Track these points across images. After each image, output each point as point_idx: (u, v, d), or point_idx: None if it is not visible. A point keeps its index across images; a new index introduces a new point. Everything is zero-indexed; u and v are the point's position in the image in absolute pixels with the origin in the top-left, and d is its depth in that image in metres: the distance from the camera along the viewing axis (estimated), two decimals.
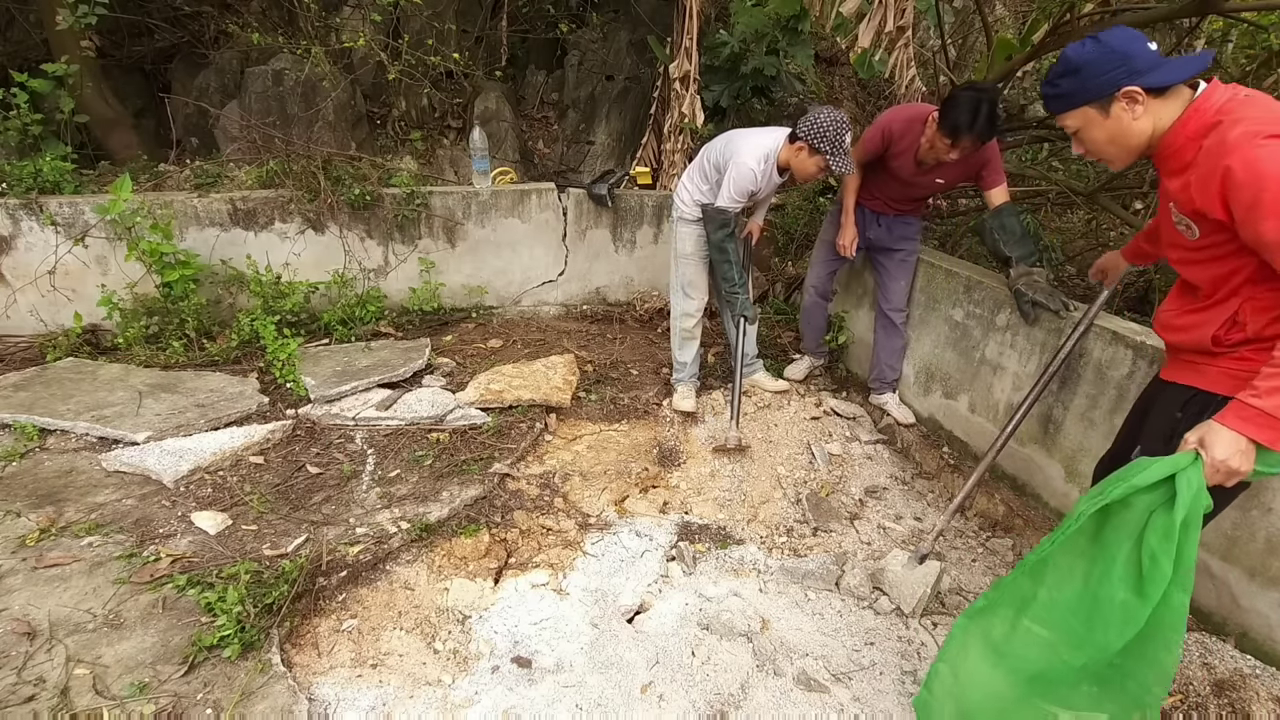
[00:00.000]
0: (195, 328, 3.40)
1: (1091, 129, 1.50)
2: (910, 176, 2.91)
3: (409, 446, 2.80)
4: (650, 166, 4.57)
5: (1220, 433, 1.35)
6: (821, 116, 2.60)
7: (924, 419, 3.27)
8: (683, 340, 3.24)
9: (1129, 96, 1.42)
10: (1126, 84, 1.41)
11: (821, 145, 2.61)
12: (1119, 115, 1.45)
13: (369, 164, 3.89)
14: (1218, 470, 1.35)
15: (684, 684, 1.93)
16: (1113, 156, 1.54)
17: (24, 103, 3.54)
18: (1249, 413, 1.33)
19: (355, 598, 2.12)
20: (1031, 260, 2.68)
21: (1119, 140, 1.49)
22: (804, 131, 2.63)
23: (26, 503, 2.30)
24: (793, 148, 2.71)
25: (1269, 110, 1.33)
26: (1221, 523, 2.05)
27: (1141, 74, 1.40)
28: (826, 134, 2.59)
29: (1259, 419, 1.31)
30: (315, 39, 4.06)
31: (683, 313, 3.18)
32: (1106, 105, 1.45)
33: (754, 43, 4.19)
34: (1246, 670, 1.91)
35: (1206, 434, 1.37)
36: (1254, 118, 1.32)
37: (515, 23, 4.99)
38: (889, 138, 2.84)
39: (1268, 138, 1.28)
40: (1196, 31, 4.31)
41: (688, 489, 2.81)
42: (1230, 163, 1.30)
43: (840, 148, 2.61)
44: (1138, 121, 1.45)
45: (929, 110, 2.73)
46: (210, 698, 1.69)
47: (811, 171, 2.73)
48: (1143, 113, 1.43)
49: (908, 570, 2.32)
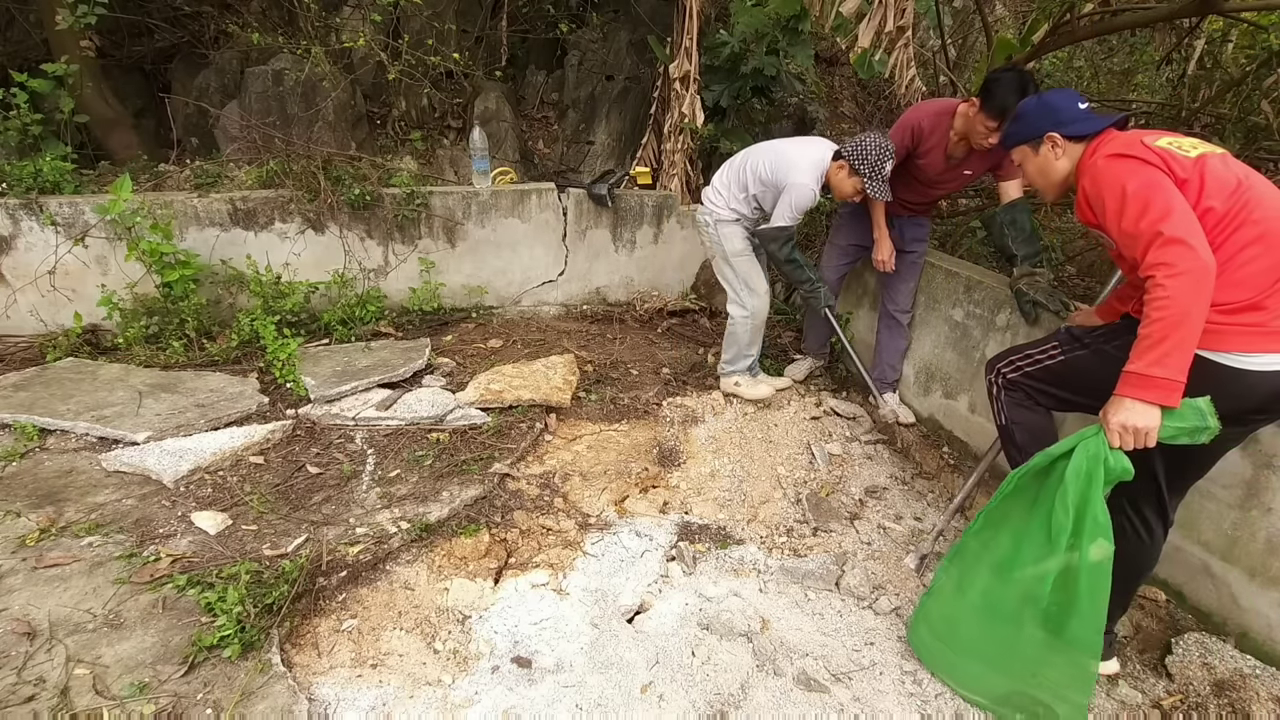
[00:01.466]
0: (195, 328, 3.40)
1: (1027, 163, 1.92)
2: (938, 173, 2.90)
3: (409, 446, 2.80)
4: (650, 166, 4.57)
5: (1113, 400, 1.60)
6: (868, 142, 2.70)
7: (924, 419, 3.27)
8: (753, 336, 3.20)
9: (1050, 140, 1.82)
10: (1050, 130, 1.81)
11: (862, 168, 2.70)
12: (1045, 154, 1.85)
13: (369, 164, 3.89)
14: (1122, 430, 1.57)
15: (684, 684, 1.93)
16: (1043, 187, 1.92)
17: (24, 103, 3.54)
18: (1130, 378, 1.56)
19: (355, 598, 2.12)
20: (1035, 260, 2.69)
21: (1045, 174, 1.88)
22: (849, 152, 2.73)
23: (26, 503, 2.30)
24: (834, 165, 2.78)
25: (1122, 142, 1.68)
26: (1221, 523, 2.06)
27: (1064, 125, 1.81)
28: (869, 158, 2.68)
29: (1136, 380, 1.54)
30: (315, 39, 4.05)
31: (752, 310, 3.14)
32: (1036, 145, 1.86)
33: (754, 43, 4.19)
34: (1246, 670, 1.92)
35: (1107, 405, 1.62)
36: (1106, 146, 1.70)
37: (515, 23, 4.99)
38: (918, 134, 2.83)
39: (1108, 157, 1.66)
40: (1197, 31, 4.30)
41: (688, 489, 2.81)
42: (1084, 181, 1.71)
43: (879, 174, 2.68)
44: (1058, 161, 1.84)
45: (955, 104, 2.75)
46: (210, 698, 1.69)
47: (848, 192, 2.80)
48: (1062, 154, 1.83)
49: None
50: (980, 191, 4.51)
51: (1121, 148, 1.65)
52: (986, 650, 1.89)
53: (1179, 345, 1.49)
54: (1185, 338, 1.48)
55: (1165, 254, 1.48)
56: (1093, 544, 1.61)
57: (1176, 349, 1.49)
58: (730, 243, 3.06)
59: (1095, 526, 1.61)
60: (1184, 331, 1.48)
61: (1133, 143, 1.65)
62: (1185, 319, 1.47)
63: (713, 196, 3.07)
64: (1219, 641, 2.04)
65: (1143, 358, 1.53)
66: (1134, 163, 1.61)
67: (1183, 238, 1.47)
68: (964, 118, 2.68)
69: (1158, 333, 1.50)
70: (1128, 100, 5.03)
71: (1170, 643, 2.08)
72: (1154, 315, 1.50)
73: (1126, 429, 1.56)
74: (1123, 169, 1.61)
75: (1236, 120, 3.56)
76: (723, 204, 3.03)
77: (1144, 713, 1.92)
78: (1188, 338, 1.49)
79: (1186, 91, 4.17)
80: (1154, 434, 1.55)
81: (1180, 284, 1.46)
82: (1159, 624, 2.21)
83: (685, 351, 3.91)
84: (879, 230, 3.10)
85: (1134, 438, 1.56)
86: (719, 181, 3.06)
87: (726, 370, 3.30)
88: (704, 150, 4.51)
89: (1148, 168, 1.59)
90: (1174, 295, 1.46)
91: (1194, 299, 1.46)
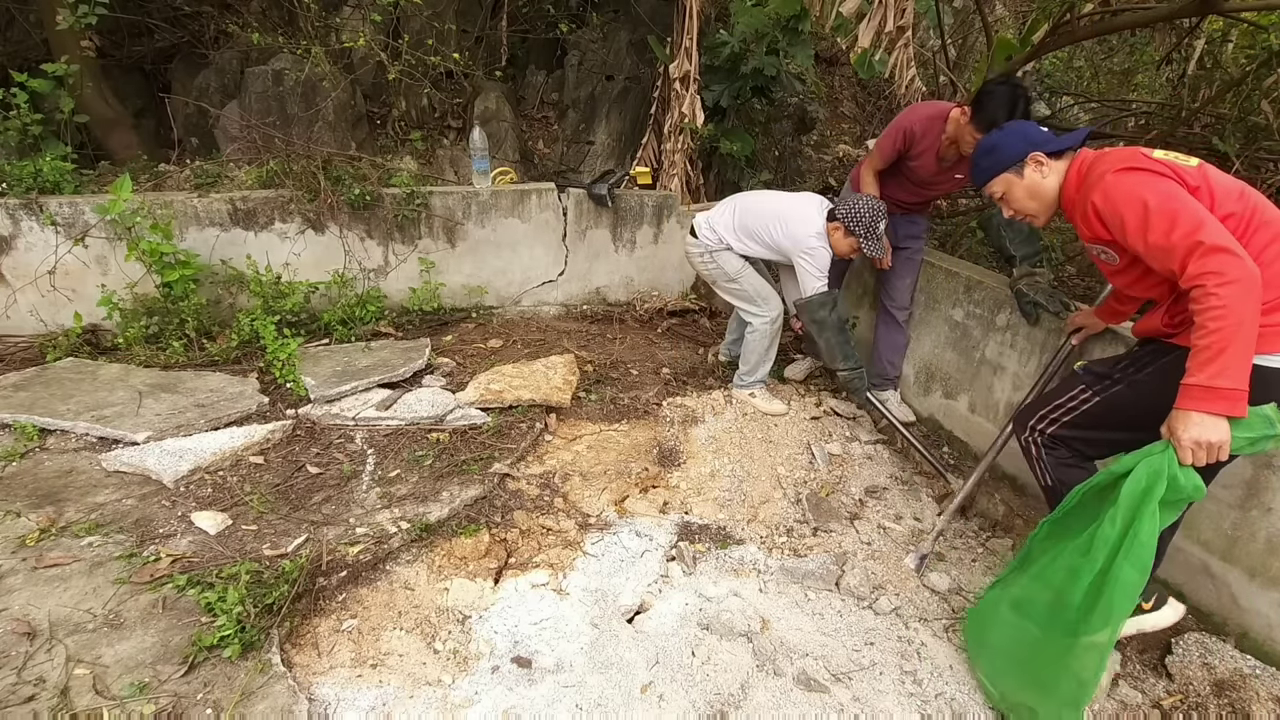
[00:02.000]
0: (195, 328, 3.40)
1: (1013, 190, 1.87)
2: (931, 176, 2.93)
3: (409, 446, 2.80)
4: (650, 166, 4.57)
5: (1179, 416, 1.54)
6: (860, 205, 2.80)
7: (924, 419, 3.27)
8: (772, 341, 3.21)
9: (1035, 160, 1.80)
10: (1030, 151, 1.80)
11: (856, 229, 2.80)
12: (1031, 175, 1.82)
13: (369, 164, 3.89)
14: (1195, 447, 1.51)
15: (684, 684, 1.93)
16: (1035, 211, 1.87)
17: (24, 103, 3.54)
18: (1193, 391, 1.51)
19: (355, 598, 2.12)
20: (1035, 260, 2.69)
21: (1037, 195, 1.84)
22: (842, 214, 2.83)
23: (26, 503, 2.30)
24: (829, 225, 2.87)
25: (1119, 155, 1.67)
26: (1221, 523, 2.06)
27: (1040, 145, 1.81)
28: (862, 220, 2.78)
29: (1201, 393, 1.49)
30: (315, 39, 4.05)
31: (771, 317, 3.16)
32: (1020, 169, 1.83)
33: (754, 43, 4.19)
34: (1246, 670, 1.92)
35: (1170, 420, 1.56)
36: (1108, 160, 1.68)
37: (515, 23, 4.98)
38: (910, 138, 2.85)
39: (1117, 172, 1.62)
40: (1197, 31, 4.30)
41: (688, 489, 2.81)
42: (1093, 197, 1.65)
43: (874, 233, 2.79)
44: (1046, 179, 1.81)
45: (948, 107, 2.76)
46: (210, 698, 1.69)
47: (845, 251, 2.90)
48: (1049, 172, 1.81)
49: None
50: (980, 191, 4.51)
51: (1128, 161, 1.63)
52: (1011, 649, 1.89)
53: (1240, 354, 1.46)
54: (1245, 345, 1.46)
55: (1211, 262, 1.45)
56: (1131, 568, 1.57)
57: (1237, 358, 1.46)
58: (729, 265, 3.10)
59: (1139, 548, 1.56)
60: (1242, 339, 1.45)
61: (1136, 155, 1.64)
62: (1242, 326, 1.44)
63: (707, 232, 3.10)
64: (1219, 641, 2.04)
65: (1205, 369, 1.48)
66: (1145, 175, 1.59)
67: (1226, 245, 1.45)
68: (955, 123, 2.70)
69: (1218, 343, 1.46)
70: (1128, 100, 5.04)
71: (1170, 643, 2.08)
72: (1211, 325, 1.46)
73: (1199, 444, 1.50)
74: (1136, 182, 1.59)
75: (1236, 120, 3.56)
76: (716, 239, 3.07)
77: (1144, 713, 1.92)
78: (1247, 345, 1.46)
79: (1186, 91, 4.17)
80: (1227, 447, 1.50)
81: (1233, 291, 1.44)
82: None
83: (685, 351, 3.91)
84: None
85: (1207, 453, 1.51)
86: (719, 223, 3.07)
87: (746, 381, 3.29)
88: (704, 150, 4.52)
89: (1161, 179, 1.57)
90: (1230, 303, 1.44)
91: (1248, 305, 1.44)
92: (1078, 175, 1.76)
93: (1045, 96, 5.34)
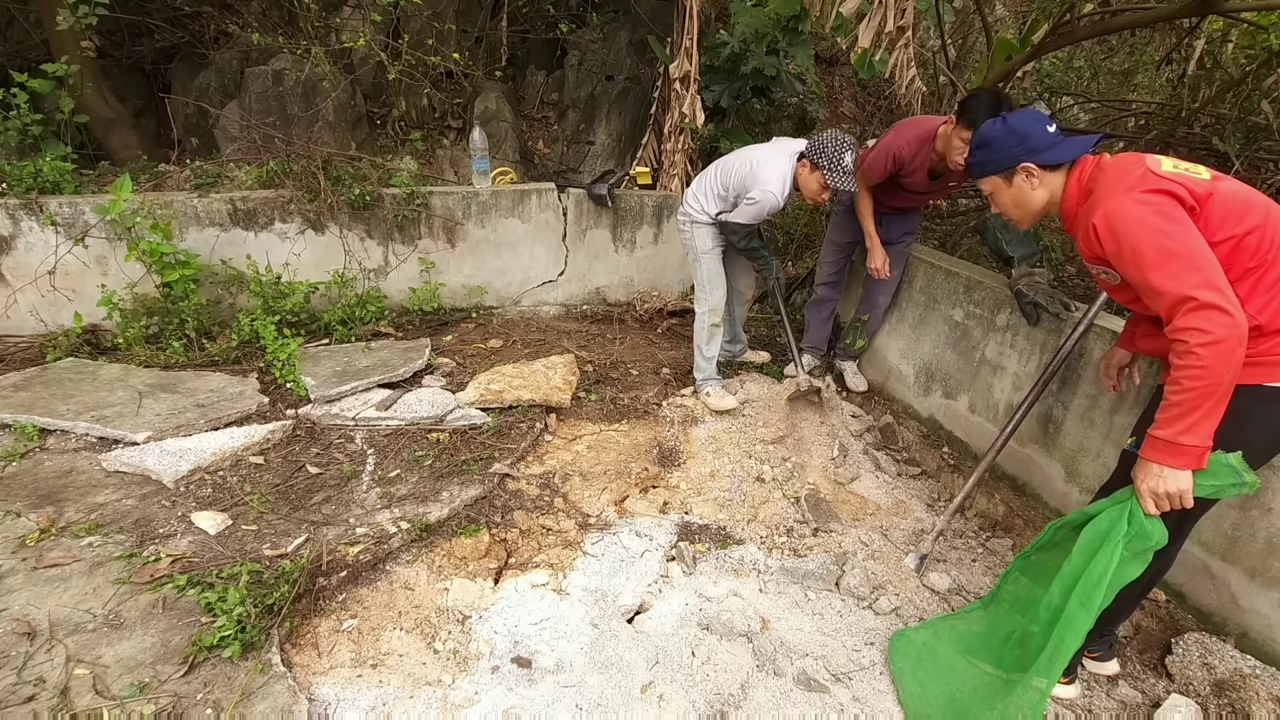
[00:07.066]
0: (195, 328, 3.40)
1: (999, 194, 1.81)
2: (925, 188, 2.98)
3: (409, 446, 2.80)
4: (650, 166, 4.57)
5: (1141, 466, 1.57)
6: (825, 136, 2.76)
7: (924, 419, 3.27)
8: (710, 334, 3.25)
9: (1026, 171, 1.72)
10: (1025, 160, 1.71)
11: (820, 160, 2.74)
12: (1020, 185, 1.75)
13: (369, 164, 3.89)
14: (1154, 497, 1.54)
15: (684, 684, 1.93)
16: (1018, 218, 1.83)
17: (24, 103, 3.54)
18: (1157, 444, 1.53)
19: (355, 598, 2.12)
20: (1033, 261, 2.69)
21: (1021, 205, 1.78)
22: (809, 149, 2.78)
23: (26, 503, 2.30)
24: (799, 165, 2.84)
25: (1122, 171, 1.59)
26: (1221, 523, 2.06)
27: (1038, 153, 1.70)
28: (825, 150, 2.72)
29: (1165, 447, 1.51)
30: (315, 39, 4.05)
31: (710, 308, 3.21)
32: (1010, 177, 1.76)
33: (754, 43, 4.19)
34: (1246, 670, 1.91)
35: (1136, 468, 1.58)
36: (1110, 179, 1.60)
37: (515, 23, 4.98)
38: (899, 161, 2.88)
39: (1121, 195, 1.53)
40: (1197, 31, 4.30)
41: (688, 489, 2.81)
42: (1094, 219, 1.56)
43: (838, 165, 2.71)
44: (1035, 191, 1.74)
45: (935, 125, 2.78)
46: (210, 698, 1.69)
47: (814, 189, 2.84)
48: (1039, 184, 1.73)
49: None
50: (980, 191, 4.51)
51: (1133, 182, 1.54)
52: (949, 689, 1.90)
53: (1210, 414, 1.45)
54: (1216, 406, 1.45)
55: (1196, 319, 1.41)
56: (1080, 606, 1.61)
57: (1207, 418, 1.46)
58: (701, 241, 3.13)
59: (1089, 585, 1.60)
60: (1215, 399, 1.44)
61: (1144, 173, 1.55)
62: (1218, 388, 1.42)
63: (691, 201, 3.13)
64: (1219, 641, 2.03)
65: (1173, 425, 1.48)
66: (1147, 206, 1.50)
67: (1215, 302, 1.40)
68: (944, 138, 2.74)
69: (1189, 401, 1.45)
70: (1128, 101, 5.03)
71: (1170, 643, 2.08)
72: (1186, 384, 1.44)
73: (1159, 495, 1.53)
74: (1137, 214, 1.50)
75: (1236, 120, 3.56)
76: (699, 208, 3.09)
77: (1144, 713, 1.92)
78: (1218, 405, 1.45)
79: (1186, 91, 4.16)
80: (1189, 495, 1.52)
81: (1215, 352, 1.40)
82: (1159, 624, 2.21)
83: (685, 351, 3.91)
84: (871, 240, 3.15)
85: (1169, 502, 1.54)
86: (698, 190, 3.12)
87: (698, 380, 3.35)
88: (704, 150, 4.51)
89: (1163, 209, 1.49)
90: (1209, 364, 1.41)
91: (1227, 367, 1.41)
92: (1078, 188, 1.69)
93: (1045, 97, 5.34)
